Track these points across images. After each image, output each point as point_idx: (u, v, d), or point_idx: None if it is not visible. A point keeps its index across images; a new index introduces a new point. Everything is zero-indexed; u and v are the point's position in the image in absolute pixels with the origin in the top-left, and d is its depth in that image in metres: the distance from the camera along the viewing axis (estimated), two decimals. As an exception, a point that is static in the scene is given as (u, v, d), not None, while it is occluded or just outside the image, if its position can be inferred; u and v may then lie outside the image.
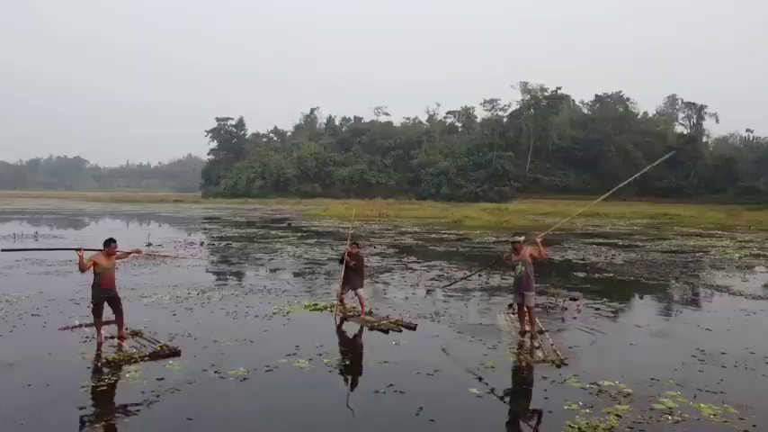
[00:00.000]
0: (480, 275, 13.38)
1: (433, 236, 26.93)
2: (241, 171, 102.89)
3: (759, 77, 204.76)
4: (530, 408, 5.73)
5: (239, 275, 14.11)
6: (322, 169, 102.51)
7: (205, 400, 5.56)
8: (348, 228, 12.65)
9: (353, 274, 9.20)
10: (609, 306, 10.54)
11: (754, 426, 5.02)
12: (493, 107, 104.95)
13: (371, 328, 8.50)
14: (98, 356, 6.88)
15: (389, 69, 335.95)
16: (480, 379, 6.29)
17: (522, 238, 8.47)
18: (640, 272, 15.28)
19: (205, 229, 31.53)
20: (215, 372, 6.30)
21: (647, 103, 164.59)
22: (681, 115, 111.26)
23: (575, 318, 9.44)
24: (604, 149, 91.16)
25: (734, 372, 6.65)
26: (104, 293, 7.37)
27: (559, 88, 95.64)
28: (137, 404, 5.39)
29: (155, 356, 6.82)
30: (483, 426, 5.17)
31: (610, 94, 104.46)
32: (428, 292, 11.88)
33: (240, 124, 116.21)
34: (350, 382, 6.35)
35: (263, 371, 6.38)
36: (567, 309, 10.09)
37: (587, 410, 5.28)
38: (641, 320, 9.53)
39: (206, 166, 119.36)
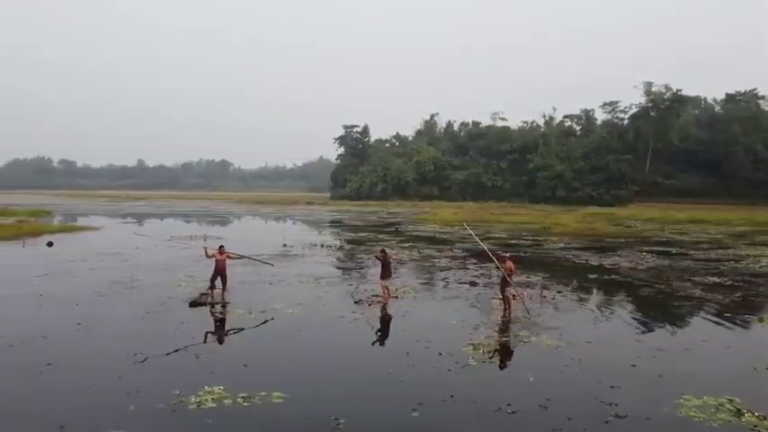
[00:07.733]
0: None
1: (512, 242, 31.73)
2: (365, 175, 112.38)
3: None
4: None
5: (346, 270, 20.61)
6: (440, 173, 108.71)
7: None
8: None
9: (385, 267, 14.62)
10: (571, 292, 15.46)
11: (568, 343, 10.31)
12: (613, 109, 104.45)
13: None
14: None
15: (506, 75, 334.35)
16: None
17: (508, 254, 13.94)
18: (642, 276, 19.34)
19: (328, 233, 39.07)
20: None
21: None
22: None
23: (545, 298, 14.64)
24: (731, 151, 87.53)
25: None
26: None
27: (680, 90, 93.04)
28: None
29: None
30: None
31: (743, 92, 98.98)
32: (471, 284, 17.28)
33: (365, 131, 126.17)
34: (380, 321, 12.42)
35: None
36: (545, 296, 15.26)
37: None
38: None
39: (334, 170, 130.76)
